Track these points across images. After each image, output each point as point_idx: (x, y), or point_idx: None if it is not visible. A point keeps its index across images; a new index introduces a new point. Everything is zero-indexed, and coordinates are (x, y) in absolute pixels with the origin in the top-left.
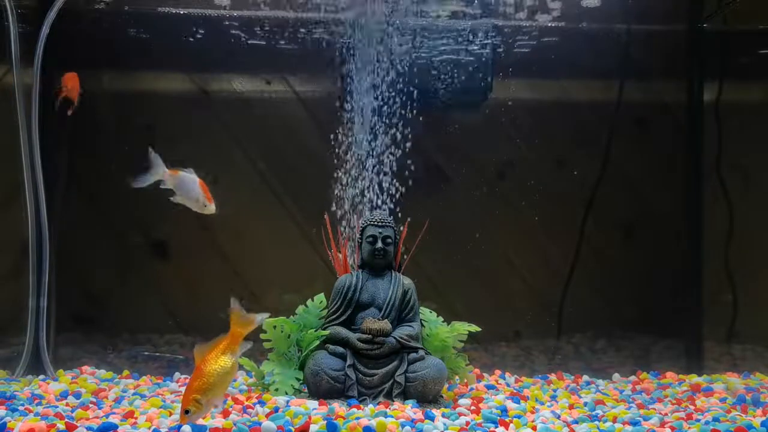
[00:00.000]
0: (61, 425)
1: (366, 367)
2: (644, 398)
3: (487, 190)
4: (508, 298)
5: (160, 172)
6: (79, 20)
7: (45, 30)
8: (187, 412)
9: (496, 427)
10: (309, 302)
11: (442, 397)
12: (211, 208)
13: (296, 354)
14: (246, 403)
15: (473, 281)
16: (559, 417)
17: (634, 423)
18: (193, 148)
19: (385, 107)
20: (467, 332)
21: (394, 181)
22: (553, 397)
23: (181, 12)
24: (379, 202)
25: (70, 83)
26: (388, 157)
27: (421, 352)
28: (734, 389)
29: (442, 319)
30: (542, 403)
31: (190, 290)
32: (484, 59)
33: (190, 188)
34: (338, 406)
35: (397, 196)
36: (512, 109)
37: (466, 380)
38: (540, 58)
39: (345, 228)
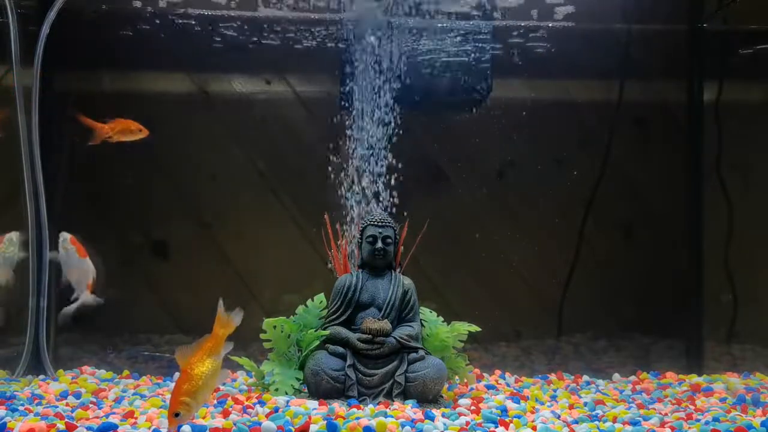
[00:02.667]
0: (61, 425)
1: (366, 367)
2: (644, 398)
3: (487, 190)
4: (508, 298)
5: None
6: (79, 20)
7: (45, 30)
8: (177, 414)
9: (496, 427)
10: (309, 302)
11: (442, 397)
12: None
13: (296, 354)
14: (246, 403)
15: (473, 281)
16: (559, 417)
17: (634, 423)
18: (193, 148)
19: (385, 107)
20: (467, 332)
21: (394, 181)
22: (553, 397)
23: (182, 12)
24: (379, 201)
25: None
26: (388, 156)
27: (421, 352)
28: (734, 389)
29: (442, 319)
30: (542, 403)
31: (190, 290)
32: (483, 59)
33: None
34: (338, 406)
35: (397, 196)
36: (512, 109)
37: (466, 380)
38: (540, 58)
39: (345, 224)
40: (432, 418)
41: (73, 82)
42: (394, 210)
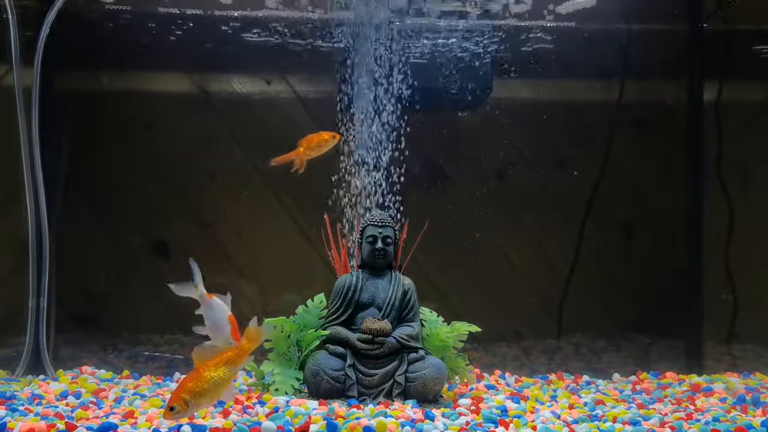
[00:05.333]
0: (61, 425)
1: (366, 367)
2: (644, 398)
3: (487, 190)
4: (508, 298)
5: (196, 292)
6: (79, 20)
7: (45, 30)
8: (172, 408)
9: (496, 427)
10: (309, 302)
11: (442, 397)
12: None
13: (296, 354)
14: (246, 403)
15: (473, 281)
16: (559, 417)
17: (634, 423)
18: (193, 148)
19: (385, 107)
20: (467, 332)
21: (394, 181)
22: (553, 397)
23: (182, 12)
24: (380, 202)
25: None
26: (388, 157)
27: (421, 352)
28: (734, 389)
29: (442, 319)
30: (542, 403)
31: None
32: (484, 59)
33: (220, 321)
34: (338, 406)
35: (397, 195)
36: (512, 109)
37: (466, 380)
38: (540, 58)
39: (345, 225)
40: (432, 418)
41: (73, 82)
42: (400, 208)
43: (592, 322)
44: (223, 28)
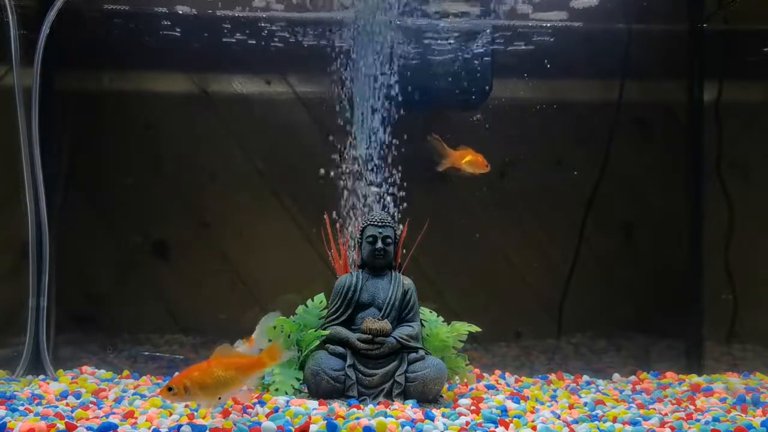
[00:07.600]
0: (61, 425)
1: (366, 367)
2: (644, 398)
3: (487, 190)
4: (508, 298)
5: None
6: (79, 20)
7: (45, 30)
8: (170, 389)
9: (496, 427)
10: (309, 302)
11: (442, 397)
12: None
13: (296, 354)
14: (246, 403)
15: (473, 281)
16: (559, 417)
17: (634, 423)
18: (193, 148)
19: (385, 107)
20: (467, 332)
21: (394, 181)
22: (553, 397)
23: (182, 12)
24: (379, 202)
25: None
26: (387, 157)
27: (421, 352)
28: (734, 389)
29: (442, 319)
30: (542, 403)
31: (190, 290)
32: (483, 59)
33: None
34: (338, 406)
35: (397, 196)
36: (512, 109)
37: (466, 380)
38: (540, 58)
39: (345, 225)
40: (432, 418)
41: (73, 82)
42: (400, 207)
43: (592, 322)
44: (223, 28)
